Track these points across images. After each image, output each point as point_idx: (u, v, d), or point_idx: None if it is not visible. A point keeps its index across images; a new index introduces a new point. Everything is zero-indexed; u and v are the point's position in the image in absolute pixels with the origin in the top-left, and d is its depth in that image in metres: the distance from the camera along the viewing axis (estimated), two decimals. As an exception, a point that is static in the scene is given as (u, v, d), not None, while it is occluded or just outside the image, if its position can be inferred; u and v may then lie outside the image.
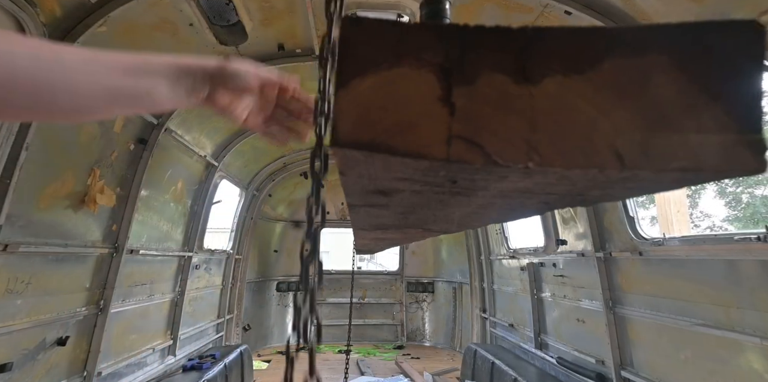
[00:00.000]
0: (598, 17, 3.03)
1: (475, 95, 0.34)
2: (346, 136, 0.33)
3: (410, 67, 0.34)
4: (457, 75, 0.34)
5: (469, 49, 0.34)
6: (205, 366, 4.72)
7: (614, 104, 0.34)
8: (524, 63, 0.34)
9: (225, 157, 5.61)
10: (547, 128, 0.33)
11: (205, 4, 3.26)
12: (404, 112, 0.34)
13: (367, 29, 0.35)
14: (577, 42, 0.34)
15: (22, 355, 2.83)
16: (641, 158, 0.33)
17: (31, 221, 2.82)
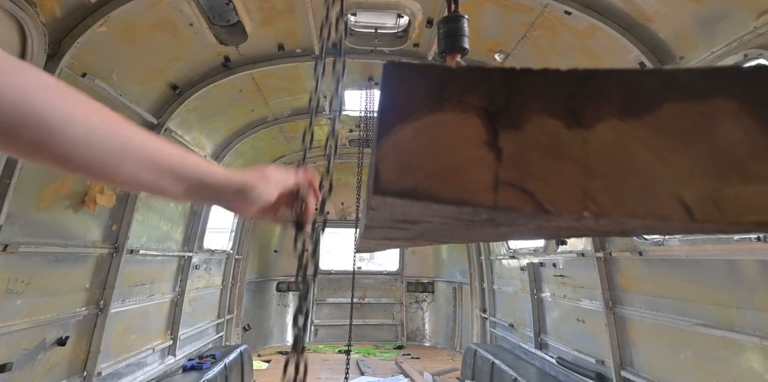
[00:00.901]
0: (597, 17, 3.03)
1: (523, 140, 0.32)
2: (388, 185, 0.32)
3: (453, 112, 0.33)
4: (503, 119, 0.33)
5: (516, 92, 0.33)
6: (205, 366, 4.72)
7: (677, 151, 0.31)
8: (575, 106, 0.33)
9: (225, 157, 5.60)
10: (604, 175, 0.31)
11: (205, 4, 3.26)
12: (448, 157, 0.32)
13: (408, 74, 0.34)
14: (632, 84, 0.33)
15: (22, 355, 2.82)
16: (712, 211, 0.30)
17: (31, 221, 2.82)
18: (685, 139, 0.31)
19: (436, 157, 0.32)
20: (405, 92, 0.34)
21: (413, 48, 4.20)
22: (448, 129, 0.33)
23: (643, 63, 3.04)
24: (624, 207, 0.31)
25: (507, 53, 3.98)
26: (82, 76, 2.94)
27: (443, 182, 0.32)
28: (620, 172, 0.31)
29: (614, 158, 0.32)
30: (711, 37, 2.59)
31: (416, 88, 0.34)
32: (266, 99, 5.11)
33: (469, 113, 0.33)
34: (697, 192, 0.31)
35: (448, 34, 0.82)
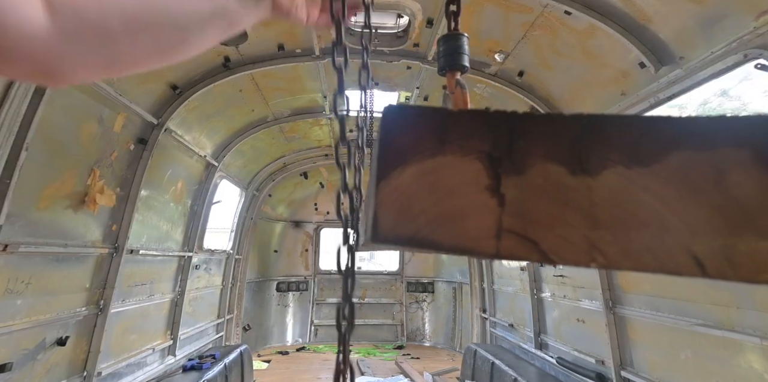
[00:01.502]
0: (597, 17, 3.03)
1: (526, 186, 0.31)
2: (387, 232, 0.31)
3: (455, 155, 0.32)
4: (506, 164, 0.32)
5: (519, 137, 0.32)
6: (205, 366, 4.72)
7: (687, 201, 0.30)
8: (580, 152, 0.31)
9: (225, 157, 5.60)
10: (611, 225, 0.30)
11: (205, 4, 3.26)
12: (449, 202, 0.31)
13: (408, 117, 0.33)
14: (639, 131, 0.31)
15: (22, 355, 2.82)
16: (725, 267, 0.29)
17: (31, 221, 2.82)
18: (695, 189, 0.30)
19: (437, 202, 0.31)
20: (405, 135, 0.33)
21: (413, 48, 4.20)
22: (450, 173, 0.32)
23: (643, 63, 3.05)
24: (633, 260, 0.30)
25: (507, 53, 3.98)
26: (82, 76, 2.94)
27: (444, 229, 0.31)
28: (628, 222, 0.30)
29: (621, 208, 0.30)
30: (711, 38, 2.59)
31: (417, 132, 0.33)
32: (266, 99, 5.10)
33: (470, 157, 0.32)
34: (709, 246, 0.29)
35: (448, 52, 0.81)
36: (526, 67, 4.10)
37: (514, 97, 4.45)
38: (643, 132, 0.32)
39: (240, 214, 7.22)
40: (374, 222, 0.32)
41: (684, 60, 2.84)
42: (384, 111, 0.34)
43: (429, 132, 0.33)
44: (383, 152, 0.33)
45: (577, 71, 3.70)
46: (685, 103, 13.85)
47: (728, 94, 13.58)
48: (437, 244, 0.31)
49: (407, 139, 0.33)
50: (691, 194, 0.30)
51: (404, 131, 0.33)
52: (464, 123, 0.33)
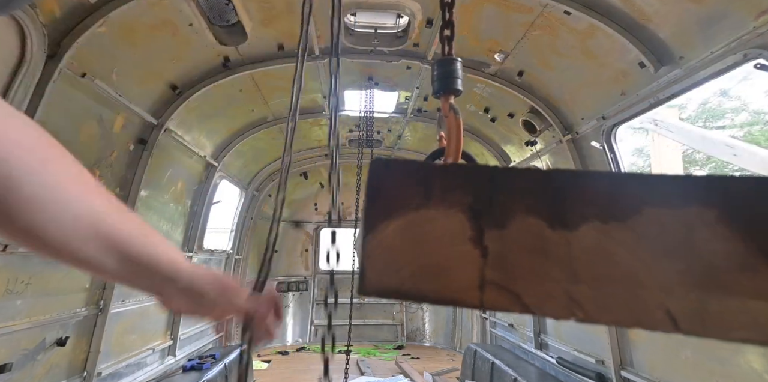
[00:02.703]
0: (597, 17, 3.03)
1: (508, 239, 0.32)
2: (373, 285, 0.32)
3: (439, 208, 0.33)
4: (488, 217, 0.32)
5: (500, 191, 0.33)
6: (205, 366, 4.72)
7: (659, 258, 0.31)
8: (559, 207, 0.32)
9: (225, 157, 5.60)
10: (589, 280, 0.31)
11: (205, 4, 3.26)
12: (433, 254, 0.32)
13: (394, 170, 0.34)
14: (614, 187, 0.32)
15: (21, 355, 2.82)
16: (697, 324, 0.30)
17: (30, 222, 2.81)
18: (667, 246, 0.31)
19: (422, 254, 0.32)
20: (391, 189, 0.34)
21: (413, 48, 4.20)
22: (434, 225, 0.33)
23: (642, 63, 3.05)
24: (610, 314, 0.31)
25: (507, 53, 3.98)
26: (81, 76, 2.94)
27: (429, 281, 0.32)
28: (606, 277, 0.31)
29: (599, 262, 0.31)
30: (710, 37, 2.59)
31: (402, 185, 0.34)
32: (266, 99, 5.10)
33: (454, 210, 0.33)
34: (682, 303, 0.30)
35: (442, 76, 0.83)
36: (525, 67, 4.10)
37: (514, 97, 4.45)
38: (617, 188, 0.32)
39: (240, 214, 7.21)
40: (361, 275, 0.32)
41: (684, 60, 2.84)
42: (371, 165, 0.34)
43: (414, 185, 0.34)
44: (370, 206, 0.33)
45: (576, 71, 3.70)
46: (685, 103, 13.85)
47: (728, 94, 13.58)
48: (422, 295, 0.32)
49: (393, 192, 0.33)
50: (664, 250, 0.31)
51: (390, 185, 0.34)
52: (448, 176, 0.34)
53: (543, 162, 4.92)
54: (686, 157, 12.16)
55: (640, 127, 11.74)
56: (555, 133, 4.39)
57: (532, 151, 5.03)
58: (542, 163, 4.94)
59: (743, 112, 13.31)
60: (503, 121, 5.10)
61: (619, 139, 3.84)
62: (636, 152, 15.14)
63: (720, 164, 12.93)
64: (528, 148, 5.04)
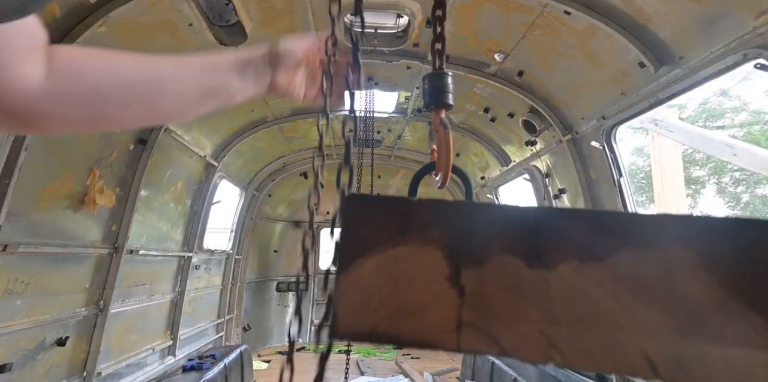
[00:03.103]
0: (597, 17, 3.03)
1: (485, 278, 0.31)
2: (346, 328, 0.31)
3: (415, 245, 0.32)
4: (465, 254, 0.32)
5: (477, 227, 0.32)
6: (205, 366, 4.72)
7: (639, 300, 0.30)
8: (536, 245, 0.31)
9: (225, 157, 5.60)
10: (568, 321, 0.30)
11: (205, 4, 3.26)
12: (409, 294, 0.31)
13: (370, 206, 0.33)
14: (591, 226, 0.32)
15: (21, 355, 2.82)
16: (677, 371, 0.29)
17: (30, 221, 2.81)
18: (646, 288, 0.30)
19: (398, 294, 0.31)
20: (366, 225, 0.32)
21: (413, 48, 4.20)
22: (410, 263, 0.32)
23: (642, 63, 3.05)
24: (589, 359, 0.30)
25: (507, 53, 3.98)
26: (81, 76, 2.94)
27: (405, 323, 0.31)
28: (585, 319, 0.30)
29: (578, 303, 0.30)
30: (710, 37, 2.59)
31: (378, 221, 0.33)
32: (266, 99, 5.10)
33: (431, 247, 0.32)
34: (662, 349, 0.29)
35: (433, 90, 0.82)
36: (525, 67, 4.10)
37: (513, 97, 4.45)
38: (594, 227, 0.32)
39: (240, 214, 7.21)
40: (333, 318, 0.31)
41: (683, 60, 2.84)
42: (346, 201, 0.34)
43: (390, 222, 0.32)
44: (345, 244, 0.32)
45: (576, 71, 3.70)
46: (685, 103, 13.85)
47: (728, 94, 13.58)
48: (398, 338, 0.31)
49: (369, 229, 0.32)
50: (643, 292, 0.30)
51: (366, 221, 0.33)
52: (424, 212, 0.33)
53: (543, 162, 4.92)
54: (686, 157, 12.16)
55: (640, 127, 11.74)
56: (555, 133, 4.39)
57: (532, 151, 5.03)
58: (542, 163, 4.94)
59: (743, 112, 13.31)
60: (503, 121, 5.10)
61: (619, 139, 3.84)
62: (636, 152, 15.14)
63: (720, 164, 12.94)
64: (528, 148, 5.04)
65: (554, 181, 4.78)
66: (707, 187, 15.27)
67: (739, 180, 13.64)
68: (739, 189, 15.01)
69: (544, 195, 5.00)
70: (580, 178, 4.17)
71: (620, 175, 3.77)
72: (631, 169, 14.59)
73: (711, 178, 14.11)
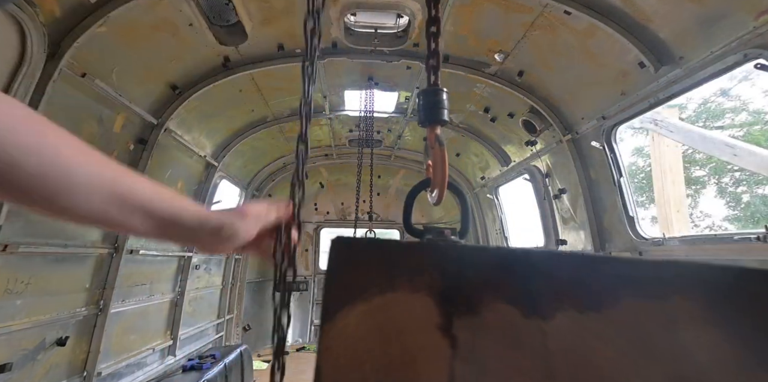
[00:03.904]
0: (597, 17, 3.03)
1: (478, 327, 0.29)
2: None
3: (405, 291, 0.30)
4: (457, 302, 0.29)
5: (470, 273, 0.30)
6: (205, 366, 4.71)
7: (640, 353, 0.27)
8: (533, 292, 0.29)
9: (225, 157, 5.60)
10: (565, 376, 0.27)
11: (205, 4, 3.26)
12: (398, 344, 0.29)
13: (357, 250, 0.31)
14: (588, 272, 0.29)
15: (21, 355, 2.82)
16: None
17: (31, 221, 2.81)
18: (647, 340, 0.28)
19: (386, 345, 0.29)
20: (353, 271, 0.30)
21: (413, 48, 4.20)
22: (400, 311, 0.29)
23: (642, 63, 3.05)
24: None
25: (507, 53, 3.98)
26: (81, 76, 2.94)
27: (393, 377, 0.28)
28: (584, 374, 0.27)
29: (576, 356, 0.28)
30: (710, 37, 2.59)
31: (366, 266, 0.31)
32: (266, 99, 5.10)
33: (421, 293, 0.30)
34: None
35: (427, 107, 0.81)
36: (526, 67, 4.10)
37: (514, 97, 4.45)
38: (591, 273, 0.30)
39: (240, 214, 7.21)
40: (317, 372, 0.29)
41: (684, 60, 2.84)
42: (332, 245, 0.32)
43: (378, 266, 0.30)
44: (330, 291, 0.30)
45: (576, 71, 3.70)
46: (685, 103, 13.85)
47: (728, 94, 13.58)
48: None
49: (356, 274, 0.30)
50: (644, 344, 0.28)
51: (353, 266, 0.31)
52: (414, 256, 0.31)
53: (543, 162, 4.92)
54: (686, 158, 12.16)
55: (640, 128, 11.74)
56: (555, 133, 4.39)
57: (532, 151, 5.03)
58: (542, 163, 4.94)
59: (743, 112, 13.31)
60: (503, 121, 5.10)
61: (619, 140, 3.84)
62: (636, 152, 15.14)
63: (720, 164, 12.94)
64: (528, 148, 5.04)
65: (554, 182, 4.78)
66: (708, 188, 15.27)
67: (740, 180, 13.64)
68: (740, 189, 15.00)
69: (544, 195, 5.00)
70: (580, 178, 4.17)
71: (620, 175, 3.77)
72: (631, 170, 14.59)
73: (711, 178, 14.11)
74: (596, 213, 4.14)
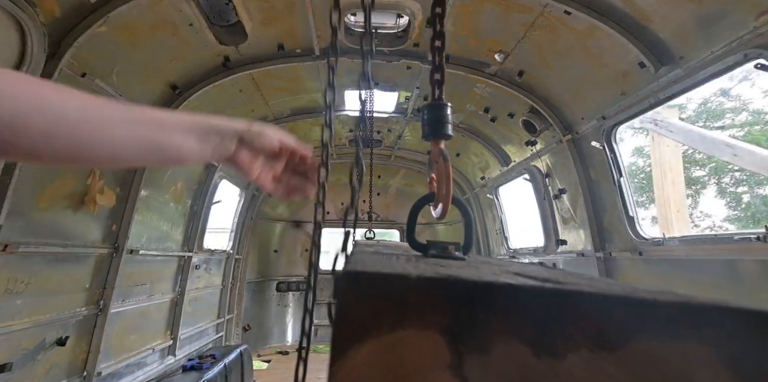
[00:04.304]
0: (597, 17, 3.03)
1: (490, 368, 0.28)
2: None
3: (415, 328, 0.29)
4: (468, 340, 0.29)
5: (481, 310, 0.29)
6: (205, 366, 4.72)
7: None
8: (544, 330, 0.28)
9: (225, 157, 5.60)
10: None
11: (205, 4, 3.26)
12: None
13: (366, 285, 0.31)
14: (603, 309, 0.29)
15: (22, 355, 2.82)
16: None
17: (31, 221, 2.81)
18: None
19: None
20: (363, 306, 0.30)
21: (413, 48, 4.20)
22: (409, 349, 0.29)
23: (642, 63, 3.05)
24: None
25: (507, 53, 3.98)
26: (81, 76, 2.94)
27: None
28: None
29: None
30: (711, 37, 2.59)
31: (375, 302, 0.30)
32: (266, 99, 5.10)
33: (431, 330, 0.29)
34: None
35: (432, 121, 0.81)
36: (526, 67, 4.10)
37: (514, 97, 4.45)
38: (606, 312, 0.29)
39: (240, 214, 7.21)
40: None
41: (684, 60, 2.84)
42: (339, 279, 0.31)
43: (388, 302, 0.30)
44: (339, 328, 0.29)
45: (577, 71, 3.70)
46: (685, 103, 13.85)
47: (728, 94, 13.58)
48: None
49: (365, 311, 0.29)
50: None
51: (362, 302, 0.30)
52: (423, 291, 0.30)
53: (543, 162, 4.92)
54: (686, 158, 12.16)
55: (640, 128, 11.74)
56: (555, 133, 4.39)
57: (532, 151, 5.03)
58: (542, 163, 4.94)
59: (743, 112, 13.31)
60: (503, 121, 5.10)
61: (619, 140, 3.84)
62: (636, 152, 15.15)
63: (720, 164, 12.94)
64: (528, 148, 5.04)
65: (554, 182, 4.78)
66: (708, 188, 15.27)
67: (740, 180, 13.64)
68: (740, 189, 15.00)
69: (544, 195, 5.00)
70: (580, 178, 4.18)
71: (620, 175, 3.77)
72: (631, 170, 14.58)
73: (711, 178, 14.11)
74: (596, 213, 4.14)
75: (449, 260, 0.59)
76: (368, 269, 0.33)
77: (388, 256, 0.64)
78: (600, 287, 0.30)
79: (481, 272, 0.37)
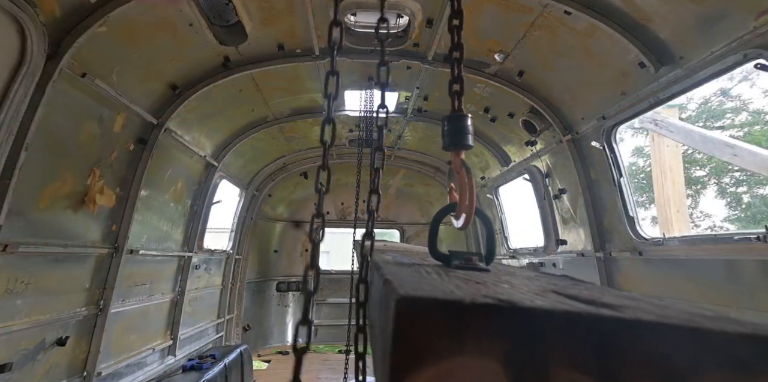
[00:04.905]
0: (597, 17, 3.03)
1: None
2: None
3: (473, 355, 0.28)
4: (527, 368, 0.28)
5: (540, 337, 0.28)
6: (205, 366, 4.72)
7: None
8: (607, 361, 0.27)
9: (225, 157, 5.60)
10: None
11: (205, 4, 3.26)
12: None
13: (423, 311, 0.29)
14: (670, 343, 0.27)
15: (22, 355, 2.82)
16: None
17: (31, 221, 2.81)
18: None
19: None
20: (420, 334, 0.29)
21: (413, 48, 4.20)
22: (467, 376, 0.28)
23: (642, 63, 3.05)
24: None
25: (507, 53, 3.98)
26: (81, 76, 2.94)
27: None
28: None
29: None
30: (711, 37, 2.59)
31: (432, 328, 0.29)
32: (266, 99, 5.10)
33: (489, 357, 0.28)
34: None
35: (453, 132, 0.82)
36: (526, 67, 4.10)
37: (514, 97, 4.45)
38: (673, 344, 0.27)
39: (240, 214, 7.21)
40: None
41: (684, 60, 2.84)
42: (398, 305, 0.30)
43: (447, 329, 0.29)
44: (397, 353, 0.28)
45: (577, 71, 3.70)
46: (685, 103, 13.85)
47: (728, 94, 13.58)
48: None
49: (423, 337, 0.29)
50: None
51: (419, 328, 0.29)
52: (482, 318, 0.29)
53: (543, 162, 4.92)
54: (686, 158, 12.15)
55: (640, 128, 11.74)
56: (555, 133, 4.39)
57: (532, 151, 5.03)
58: (542, 163, 4.94)
59: (743, 113, 13.31)
60: (503, 121, 5.10)
61: (619, 140, 3.84)
62: (636, 152, 15.14)
63: (720, 164, 12.93)
64: (528, 148, 5.04)
65: (554, 181, 4.78)
66: (708, 188, 15.26)
67: (740, 181, 13.63)
68: (740, 190, 14.99)
69: (544, 195, 5.00)
70: (580, 178, 4.17)
71: (620, 175, 3.77)
72: (631, 170, 14.58)
73: (711, 178, 14.11)
74: (596, 213, 4.14)
75: (475, 272, 0.58)
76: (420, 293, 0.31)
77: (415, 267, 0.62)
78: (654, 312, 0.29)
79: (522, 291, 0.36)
